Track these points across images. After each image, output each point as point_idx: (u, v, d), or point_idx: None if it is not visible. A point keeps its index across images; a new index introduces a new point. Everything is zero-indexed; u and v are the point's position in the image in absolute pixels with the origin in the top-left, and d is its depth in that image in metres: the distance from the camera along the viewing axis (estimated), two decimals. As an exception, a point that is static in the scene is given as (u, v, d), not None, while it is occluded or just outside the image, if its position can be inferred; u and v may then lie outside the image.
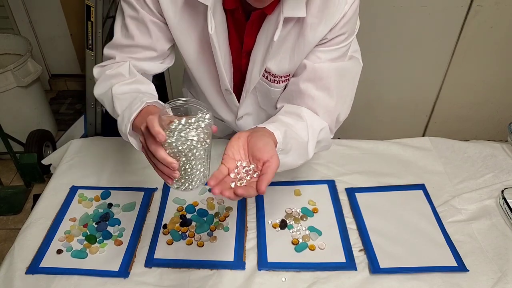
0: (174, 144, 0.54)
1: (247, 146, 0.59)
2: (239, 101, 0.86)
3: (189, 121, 0.55)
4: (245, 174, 0.57)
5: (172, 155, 0.55)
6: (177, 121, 0.55)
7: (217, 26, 0.71)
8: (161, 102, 0.68)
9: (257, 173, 0.57)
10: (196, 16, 0.73)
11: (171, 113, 0.58)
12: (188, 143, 0.54)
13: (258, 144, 0.59)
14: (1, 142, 1.73)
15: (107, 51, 0.80)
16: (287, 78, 0.79)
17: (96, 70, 0.80)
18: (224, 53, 0.77)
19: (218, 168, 0.56)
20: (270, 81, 0.80)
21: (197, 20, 0.73)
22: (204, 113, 0.56)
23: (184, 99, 0.58)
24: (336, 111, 0.79)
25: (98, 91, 0.77)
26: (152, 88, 0.76)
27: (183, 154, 0.55)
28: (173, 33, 0.77)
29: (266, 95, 0.84)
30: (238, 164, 0.58)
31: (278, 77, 0.79)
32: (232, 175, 0.57)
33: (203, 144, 0.55)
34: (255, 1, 0.63)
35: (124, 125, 0.66)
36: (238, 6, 0.70)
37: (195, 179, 0.59)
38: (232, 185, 0.55)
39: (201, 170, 0.58)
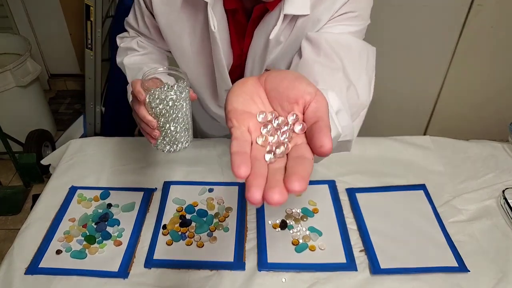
0: (153, 104, 0.60)
1: (265, 91, 0.38)
2: None
3: (168, 85, 0.61)
4: (281, 135, 0.35)
5: (153, 115, 0.61)
6: (159, 87, 0.61)
7: (218, 24, 0.70)
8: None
9: (300, 126, 0.35)
10: (195, 15, 0.72)
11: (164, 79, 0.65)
12: (164, 103, 0.59)
13: (283, 81, 0.37)
14: (0, 142, 1.73)
15: (125, 22, 0.87)
16: None
17: (117, 40, 0.89)
18: (223, 52, 0.75)
19: (233, 136, 0.34)
20: None
21: (196, 19, 0.72)
22: (182, 80, 0.61)
23: (163, 67, 0.65)
24: (345, 85, 0.62)
25: (118, 60, 0.87)
26: (161, 59, 0.85)
27: (161, 114, 0.60)
28: (166, 36, 0.77)
29: None
30: (260, 119, 0.36)
31: None
32: (260, 141, 0.35)
33: (178, 106, 0.60)
34: None
35: (128, 94, 0.72)
36: (239, 7, 0.69)
37: (176, 141, 0.64)
38: (267, 158, 0.33)
39: (181, 133, 0.63)
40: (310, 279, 0.74)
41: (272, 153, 0.33)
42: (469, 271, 0.75)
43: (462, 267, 0.75)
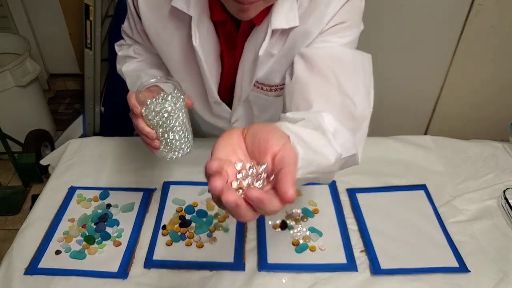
0: (150, 117, 0.61)
1: (245, 145, 0.43)
2: (231, 108, 0.85)
3: (163, 96, 0.62)
4: (254, 180, 0.39)
5: (151, 126, 0.62)
6: (154, 97, 0.62)
7: (202, 37, 0.70)
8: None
9: (265, 174, 0.39)
10: (181, 27, 0.72)
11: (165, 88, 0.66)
12: (160, 115, 0.61)
13: (259, 134, 0.41)
14: (0, 142, 1.73)
15: (122, 30, 0.88)
16: (283, 85, 0.74)
17: (116, 48, 0.90)
18: (211, 65, 0.75)
19: (211, 178, 0.37)
20: (267, 90, 0.78)
21: (182, 31, 0.72)
22: (176, 89, 0.62)
23: (156, 78, 0.65)
24: (340, 101, 0.62)
25: (117, 68, 0.88)
26: (158, 64, 0.84)
27: (159, 125, 0.62)
28: (155, 44, 0.77)
29: (263, 104, 0.82)
30: (239, 168, 0.40)
31: (274, 86, 0.76)
32: (234, 184, 0.39)
33: (175, 116, 0.61)
34: (238, 13, 0.61)
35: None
36: (227, 18, 0.68)
37: (177, 149, 0.65)
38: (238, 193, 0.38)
39: (181, 141, 0.65)
40: (310, 279, 0.74)
41: (241, 189, 0.38)
42: (470, 271, 0.75)
43: (462, 268, 0.75)
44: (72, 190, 0.93)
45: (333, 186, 0.92)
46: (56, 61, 2.51)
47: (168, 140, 0.64)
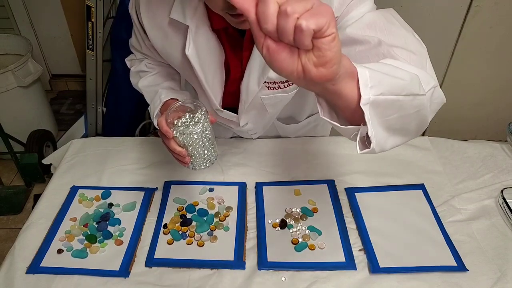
0: (180, 139, 0.68)
1: None
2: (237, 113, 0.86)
3: (190, 117, 0.68)
4: None
5: (182, 145, 0.69)
6: (180, 120, 0.68)
7: (200, 47, 0.71)
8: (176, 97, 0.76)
9: None
10: (179, 38, 0.73)
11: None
12: (190, 136, 0.67)
13: None
14: (2, 142, 1.74)
15: (130, 45, 0.90)
16: None
17: (127, 63, 0.93)
18: (213, 73, 0.76)
19: None
20: (284, 87, 0.78)
21: (181, 42, 0.74)
22: (200, 109, 0.69)
23: (181, 101, 0.71)
24: (411, 43, 0.66)
25: (133, 82, 0.91)
26: (171, 74, 0.87)
27: (189, 144, 0.68)
28: (161, 54, 0.79)
29: (279, 102, 0.82)
30: None
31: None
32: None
33: (202, 135, 0.68)
34: (238, 25, 0.62)
35: (152, 120, 0.80)
36: (228, 25, 0.69)
37: (205, 161, 0.72)
38: None
39: (209, 153, 0.72)
40: (309, 278, 0.75)
41: None
42: (468, 270, 0.75)
43: (461, 267, 0.76)
44: (74, 190, 0.94)
45: (332, 186, 0.93)
46: (58, 62, 2.53)
47: (198, 155, 0.71)
